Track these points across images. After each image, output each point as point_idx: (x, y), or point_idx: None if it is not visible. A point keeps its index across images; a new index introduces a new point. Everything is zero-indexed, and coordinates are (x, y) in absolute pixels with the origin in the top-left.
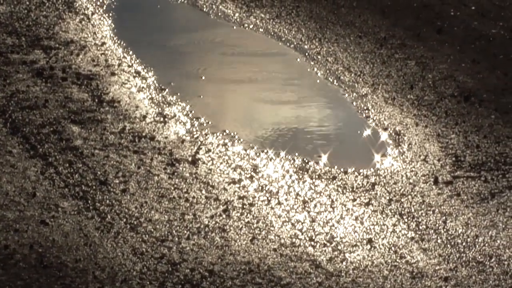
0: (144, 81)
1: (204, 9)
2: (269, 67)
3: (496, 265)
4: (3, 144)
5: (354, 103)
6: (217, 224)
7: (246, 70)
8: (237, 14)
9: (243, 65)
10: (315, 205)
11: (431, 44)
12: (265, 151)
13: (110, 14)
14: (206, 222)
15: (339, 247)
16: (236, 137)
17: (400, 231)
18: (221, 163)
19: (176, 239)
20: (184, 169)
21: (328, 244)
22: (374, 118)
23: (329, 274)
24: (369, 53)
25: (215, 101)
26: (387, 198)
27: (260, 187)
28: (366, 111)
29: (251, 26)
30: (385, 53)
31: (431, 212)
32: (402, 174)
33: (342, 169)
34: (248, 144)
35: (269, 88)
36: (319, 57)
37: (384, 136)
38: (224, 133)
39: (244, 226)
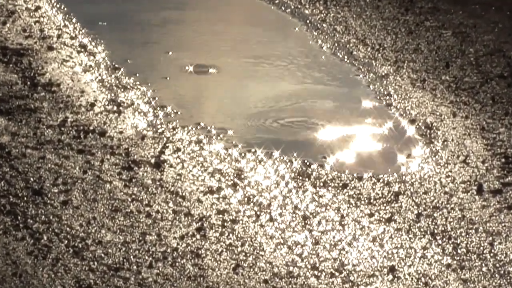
0: (91, 58)
1: None
2: (259, 40)
3: None
4: None
5: (371, 87)
6: (189, 248)
7: (228, 43)
8: None
9: (225, 37)
10: (319, 222)
11: (473, 9)
12: (253, 150)
13: None
14: (175, 245)
15: (351, 278)
16: (214, 132)
17: (432, 256)
18: (194, 166)
19: (135, 267)
20: (145, 174)
21: (336, 274)
22: (398, 107)
23: None
24: (391, 20)
25: (187, 85)
26: (415, 212)
27: (246, 199)
28: (387, 97)
29: None
30: (412, 20)
31: (473, 230)
32: (434, 180)
33: (355, 174)
34: (230, 141)
35: (258, 67)
36: (324, 25)
37: (410, 130)
38: (198, 127)
39: (224, 250)
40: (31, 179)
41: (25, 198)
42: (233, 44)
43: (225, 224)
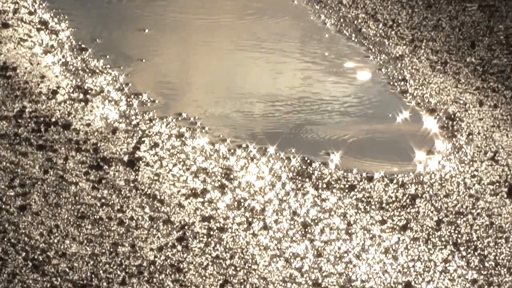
0: (53, 36)
1: None
2: (250, 15)
3: None
4: None
5: (383, 70)
6: (169, 261)
7: (216, 20)
8: None
9: (212, 13)
10: (322, 231)
11: None
12: (244, 145)
13: None
14: (152, 258)
15: None
16: (198, 123)
17: (455, 270)
18: (174, 165)
19: (105, 284)
20: (116, 174)
21: None
22: (415, 94)
23: None
24: None
25: (166, 68)
26: (435, 219)
27: (235, 203)
28: (402, 83)
29: None
30: None
31: (503, 240)
32: (458, 181)
33: (364, 174)
34: (217, 135)
35: (251, 48)
36: None
37: (429, 122)
38: (180, 118)
39: (210, 263)
40: None
41: None
42: (221, 20)
43: (211, 233)
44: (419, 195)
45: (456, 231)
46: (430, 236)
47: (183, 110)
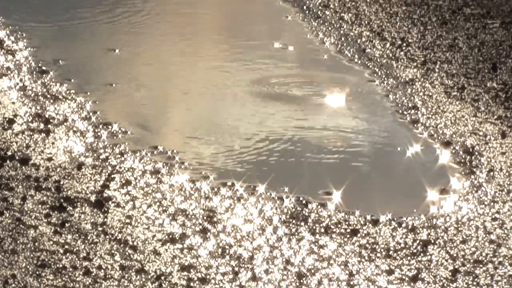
0: (9, 57)
1: None
2: (240, 32)
3: None
4: None
5: (391, 97)
6: None
7: (199, 38)
8: None
9: (193, 31)
10: (320, 282)
11: None
12: (230, 184)
13: None
14: None
15: None
16: (177, 158)
17: None
18: (149, 206)
19: None
20: (82, 216)
21: None
22: (427, 124)
23: None
24: (418, 6)
25: (140, 94)
26: (450, 268)
27: (219, 250)
28: (413, 111)
29: None
30: (447, 5)
31: None
32: (476, 225)
33: (368, 217)
34: (198, 171)
35: (238, 71)
36: (327, 12)
37: (444, 156)
38: (155, 152)
39: None
40: None
41: None
42: (205, 40)
43: (192, 284)
44: (432, 241)
45: (475, 283)
46: None
47: (159, 143)
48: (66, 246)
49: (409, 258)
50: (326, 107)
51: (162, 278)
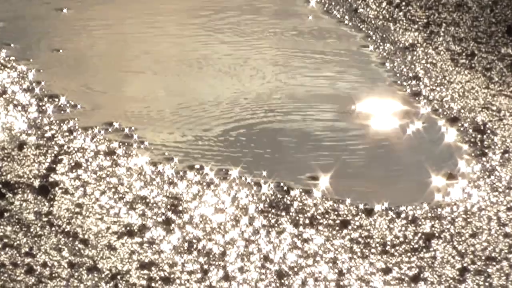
0: None
1: None
2: None
3: None
4: None
5: (388, 65)
6: None
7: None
8: None
9: None
10: (304, 283)
11: None
12: (198, 167)
13: None
14: None
15: None
16: (135, 137)
17: None
18: (102, 192)
19: None
20: (24, 205)
21: None
22: (431, 97)
23: None
24: None
25: (93, 61)
26: (458, 266)
27: (186, 244)
28: (414, 82)
29: None
30: None
31: None
32: (489, 215)
33: (361, 206)
34: (161, 152)
35: (211, 31)
36: None
37: (451, 134)
38: (110, 129)
39: None
40: None
41: None
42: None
43: (153, 284)
44: (437, 235)
45: (487, 284)
46: None
47: (114, 119)
48: (5, 240)
49: (409, 254)
50: (311, 79)
51: (118, 277)
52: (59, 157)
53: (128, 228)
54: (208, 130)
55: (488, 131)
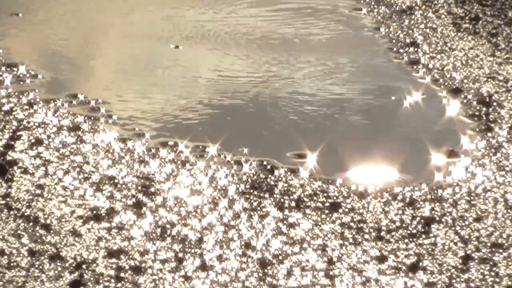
0: None
1: None
2: None
3: None
4: None
5: (383, 30)
6: None
7: None
8: None
9: None
10: (290, 273)
11: None
12: (171, 143)
13: None
14: None
15: None
16: (103, 110)
17: None
18: (66, 172)
19: None
20: None
21: None
22: (430, 66)
23: None
24: None
25: (56, 26)
26: (460, 254)
27: (158, 230)
28: (411, 49)
29: None
30: None
31: None
32: (495, 197)
33: (353, 187)
34: (131, 126)
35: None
36: None
37: (453, 107)
38: (75, 102)
39: None
40: None
41: None
42: None
43: (122, 275)
44: (437, 219)
45: (493, 273)
46: (453, 281)
47: (79, 90)
48: None
49: (406, 240)
50: (298, 47)
51: (84, 266)
52: (18, 133)
53: (94, 212)
54: (183, 103)
55: (494, 103)
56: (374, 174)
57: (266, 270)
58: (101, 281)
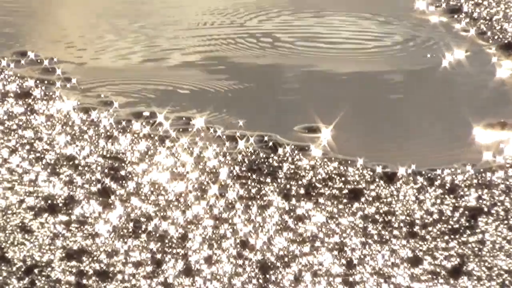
0: None
1: None
2: None
3: None
4: None
5: None
6: None
7: None
8: None
9: None
10: (297, 279)
11: None
12: (148, 114)
13: None
14: None
15: None
16: (59, 71)
17: None
18: (13, 150)
19: None
20: None
21: None
22: (475, 15)
23: None
24: None
25: None
26: None
27: (130, 225)
28: None
29: None
30: None
31: None
32: None
33: (378, 169)
34: (95, 92)
35: None
36: None
37: (505, 69)
38: (25, 61)
39: None
40: None
41: None
42: None
43: (85, 281)
44: (485, 210)
45: None
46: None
47: (31, 47)
48: None
49: (446, 238)
50: None
51: (35, 271)
52: None
53: (49, 201)
54: (161, 60)
55: None
56: (405, 153)
57: (267, 276)
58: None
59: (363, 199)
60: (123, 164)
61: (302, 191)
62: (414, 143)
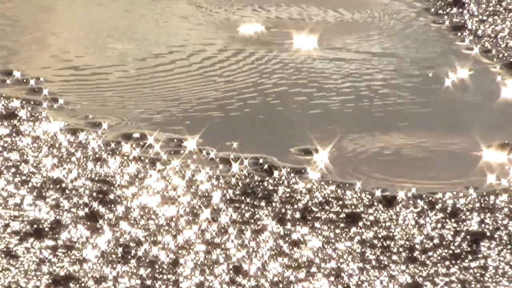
0: None
1: None
2: None
3: None
4: None
5: None
6: None
7: None
8: None
9: None
10: None
11: None
12: (138, 136)
13: None
14: None
15: None
16: (46, 92)
17: None
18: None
19: None
20: None
21: None
22: (479, 32)
23: None
24: None
25: None
26: None
27: (119, 250)
28: (455, 11)
29: None
30: None
31: None
32: None
33: (377, 193)
34: (83, 113)
35: None
36: None
37: (508, 87)
38: (10, 80)
39: None
40: None
41: None
42: None
43: None
44: (488, 235)
45: None
46: None
47: (17, 67)
48: None
49: (447, 263)
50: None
51: None
52: None
53: (35, 225)
54: (153, 82)
55: None
56: (405, 175)
57: None
58: None
59: (361, 224)
60: (112, 188)
61: (297, 215)
62: (413, 165)
